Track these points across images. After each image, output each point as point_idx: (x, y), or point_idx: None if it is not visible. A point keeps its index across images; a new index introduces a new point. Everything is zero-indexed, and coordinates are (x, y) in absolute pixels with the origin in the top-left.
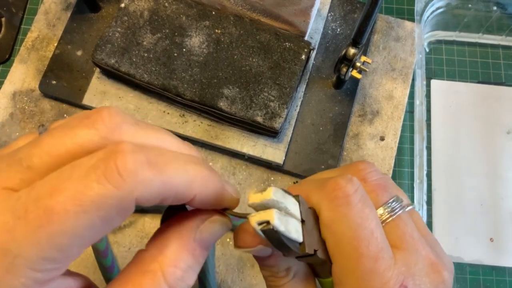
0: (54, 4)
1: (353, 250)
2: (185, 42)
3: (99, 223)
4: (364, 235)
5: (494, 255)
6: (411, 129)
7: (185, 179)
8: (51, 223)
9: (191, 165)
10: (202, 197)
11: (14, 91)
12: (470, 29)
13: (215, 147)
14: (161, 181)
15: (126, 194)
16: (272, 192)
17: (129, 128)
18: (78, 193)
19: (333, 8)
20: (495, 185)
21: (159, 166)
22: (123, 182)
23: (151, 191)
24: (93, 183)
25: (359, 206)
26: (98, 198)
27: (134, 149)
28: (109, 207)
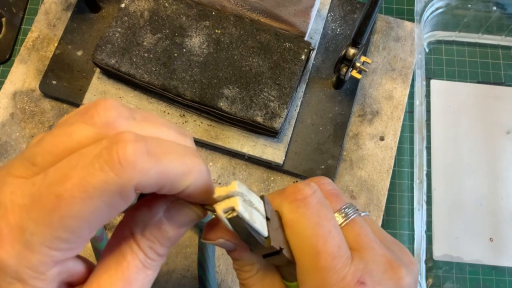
0: (55, 4)
1: (312, 248)
2: (185, 42)
3: (104, 208)
4: (322, 233)
5: (494, 255)
6: (410, 129)
7: (181, 170)
8: (61, 208)
9: (189, 156)
10: (193, 189)
11: (15, 91)
12: (469, 29)
13: (215, 147)
14: (158, 170)
15: (125, 182)
16: (237, 184)
17: (125, 123)
18: (83, 180)
19: (333, 8)
20: (494, 185)
21: (158, 156)
22: (123, 170)
23: (149, 180)
24: (97, 171)
25: (317, 206)
26: (101, 185)
27: (135, 138)
28: (112, 193)
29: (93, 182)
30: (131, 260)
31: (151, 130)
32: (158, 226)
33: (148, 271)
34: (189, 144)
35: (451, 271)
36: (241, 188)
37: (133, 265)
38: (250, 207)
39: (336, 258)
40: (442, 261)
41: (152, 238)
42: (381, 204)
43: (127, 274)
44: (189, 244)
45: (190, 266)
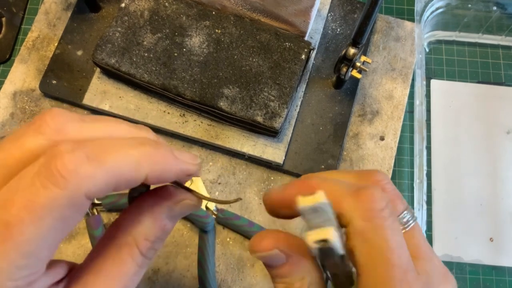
0: (55, 4)
1: (386, 260)
2: (185, 42)
3: (58, 224)
4: (395, 246)
5: (494, 254)
6: (411, 129)
7: (129, 162)
8: (12, 235)
9: (135, 147)
10: (156, 175)
11: (15, 91)
12: (470, 29)
13: (215, 147)
14: (105, 171)
15: (73, 192)
16: (324, 194)
17: (74, 126)
18: (29, 201)
19: (333, 8)
20: (495, 185)
21: (100, 158)
22: (67, 182)
23: (97, 184)
24: (39, 190)
25: (390, 219)
26: (48, 202)
27: (71, 148)
28: (61, 207)
29: (39, 201)
30: (130, 266)
31: (101, 129)
32: (161, 227)
33: (143, 269)
34: (144, 135)
35: (451, 271)
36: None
37: (132, 270)
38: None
39: (409, 272)
40: (442, 261)
41: (154, 239)
42: None
43: (126, 278)
44: (189, 244)
45: (190, 266)
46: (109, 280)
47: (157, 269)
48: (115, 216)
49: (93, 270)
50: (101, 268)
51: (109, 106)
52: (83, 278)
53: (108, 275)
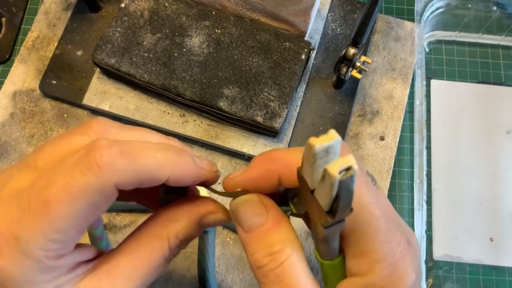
0: (54, 4)
1: (371, 216)
2: (185, 42)
3: (88, 207)
4: (373, 199)
5: (494, 255)
6: (411, 129)
7: (155, 163)
8: (49, 211)
9: (161, 151)
10: (177, 177)
11: (15, 91)
12: (470, 29)
13: (215, 147)
14: (134, 167)
15: (105, 181)
16: (336, 132)
17: (114, 130)
18: (67, 184)
19: (333, 8)
20: (495, 184)
21: (131, 155)
22: (101, 171)
23: (126, 176)
24: (78, 175)
25: (364, 176)
26: (84, 186)
27: (108, 143)
28: (93, 193)
29: (76, 185)
30: (158, 256)
31: (136, 135)
32: (193, 230)
33: (166, 266)
34: (171, 143)
35: (451, 271)
36: (338, 135)
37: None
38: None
39: (389, 222)
40: (442, 261)
41: (183, 239)
42: None
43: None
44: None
45: (190, 266)
46: (136, 263)
47: None
48: (115, 216)
49: (124, 252)
50: (131, 251)
51: (109, 106)
52: (114, 258)
53: (137, 259)
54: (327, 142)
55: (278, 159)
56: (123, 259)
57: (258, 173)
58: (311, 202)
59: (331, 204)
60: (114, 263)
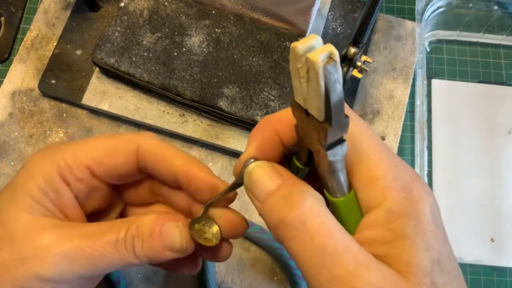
0: (54, 3)
1: (371, 141)
2: (185, 41)
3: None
4: (369, 128)
5: (495, 255)
6: (411, 129)
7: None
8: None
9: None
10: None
11: (14, 91)
12: (471, 29)
13: (215, 147)
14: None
15: (133, 139)
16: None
17: None
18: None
19: (333, 7)
20: (496, 185)
21: (162, 144)
22: (136, 135)
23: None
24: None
25: (351, 110)
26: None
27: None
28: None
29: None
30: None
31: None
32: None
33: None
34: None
35: None
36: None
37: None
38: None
39: (390, 150)
40: None
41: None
42: None
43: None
44: None
45: None
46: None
47: (157, 269)
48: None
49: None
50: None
51: (109, 106)
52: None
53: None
54: (308, 41)
55: (271, 121)
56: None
57: (259, 143)
58: (308, 128)
59: (323, 107)
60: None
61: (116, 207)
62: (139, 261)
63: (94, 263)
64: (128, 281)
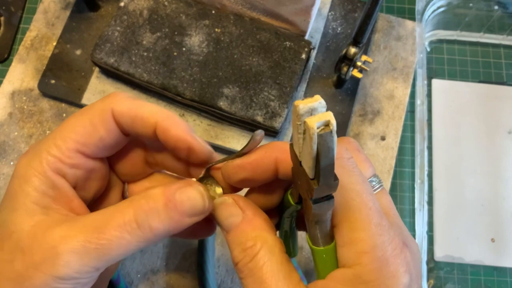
0: (53, 3)
1: (364, 204)
2: (184, 41)
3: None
4: (370, 191)
5: (495, 255)
6: (412, 128)
7: (148, 109)
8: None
9: (156, 106)
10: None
11: (13, 91)
12: (471, 29)
13: (215, 147)
14: (130, 103)
15: (105, 104)
16: (320, 97)
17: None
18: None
19: (333, 7)
20: (496, 185)
21: (134, 99)
22: (107, 98)
23: (122, 107)
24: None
25: (358, 169)
26: (91, 108)
27: (124, 94)
28: (95, 111)
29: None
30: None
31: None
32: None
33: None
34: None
35: (453, 272)
36: (322, 99)
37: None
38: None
39: (384, 218)
40: (444, 262)
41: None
42: None
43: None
44: (189, 245)
45: (190, 266)
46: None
47: (157, 269)
48: None
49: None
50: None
51: None
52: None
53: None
54: (311, 103)
55: (275, 146)
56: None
57: (256, 158)
58: (300, 176)
59: (314, 166)
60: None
61: (115, 187)
62: (157, 237)
63: (106, 253)
64: (128, 281)
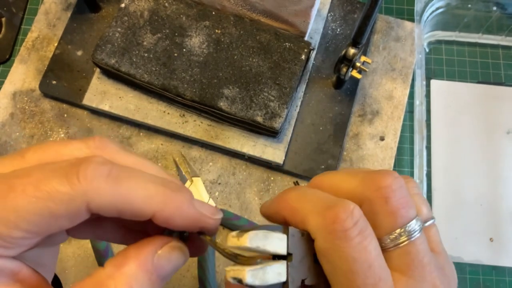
0: (54, 4)
1: (349, 283)
2: (185, 42)
3: (46, 214)
4: (361, 269)
5: (494, 255)
6: (411, 129)
7: (142, 194)
8: (7, 197)
9: (153, 183)
10: (165, 215)
11: (15, 91)
12: (470, 29)
13: (215, 147)
14: (116, 192)
15: (77, 195)
16: (247, 240)
17: (113, 149)
18: (39, 181)
19: (333, 8)
20: (495, 185)
21: (118, 179)
22: (78, 184)
23: (102, 200)
24: (53, 178)
25: (357, 240)
26: (52, 191)
27: (101, 161)
28: (59, 202)
29: (47, 186)
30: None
31: (134, 161)
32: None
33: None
34: (168, 178)
35: None
36: (253, 242)
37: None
38: (263, 268)
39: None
40: None
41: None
42: None
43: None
44: None
45: (190, 266)
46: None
47: None
48: None
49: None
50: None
51: (109, 106)
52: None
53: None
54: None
55: (284, 201)
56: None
57: (272, 211)
58: None
59: None
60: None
61: None
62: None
63: None
64: None
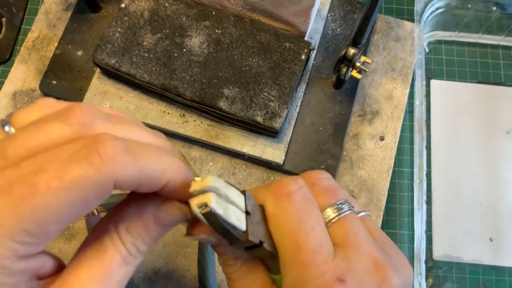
0: (55, 4)
1: (293, 243)
2: (185, 42)
3: (79, 202)
4: (304, 228)
5: (493, 254)
6: (410, 129)
7: (159, 167)
8: (34, 198)
9: (165, 154)
10: (172, 185)
11: (15, 91)
12: (469, 29)
13: (215, 147)
14: (137, 167)
15: (105, 176)
16: (211, 179)
17: (100, 123)
18: (62, 172)
19: (333, 8)
20: (494, 184)
21: (136, 154)
22: (103, 165)
23: (128, 176)
24: (75, 165)
25: (301, 202)
26: (79, 178)
27: (113, 137)
28: (88, 187)
29: (72, 175)
30: (112, 254)
31: (125, 131)
32: (144, 225)
33: (128, 267)
34: (163, 144)
35: (451, 271)
36: (216, 182)
37: (114, 260)
38: (226, 202)
39: (317, 254)
40: (442, 261)
41: (136, 235)
42: (381, 204)
43: (107, 268)
44: (189, 244)
45: (190, 266)
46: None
47: (157, 269)
48: None
49: (76, 261)
50: (83, 257)
51: (109, 107)
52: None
53: (89, 263)
54: (200, 187)
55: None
56: (75, 267)
57: None
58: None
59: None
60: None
61: None
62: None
63: None
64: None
